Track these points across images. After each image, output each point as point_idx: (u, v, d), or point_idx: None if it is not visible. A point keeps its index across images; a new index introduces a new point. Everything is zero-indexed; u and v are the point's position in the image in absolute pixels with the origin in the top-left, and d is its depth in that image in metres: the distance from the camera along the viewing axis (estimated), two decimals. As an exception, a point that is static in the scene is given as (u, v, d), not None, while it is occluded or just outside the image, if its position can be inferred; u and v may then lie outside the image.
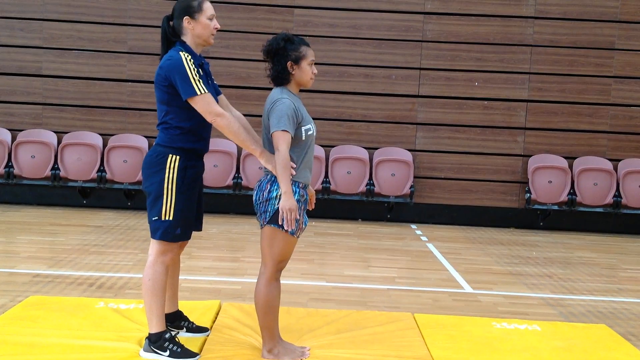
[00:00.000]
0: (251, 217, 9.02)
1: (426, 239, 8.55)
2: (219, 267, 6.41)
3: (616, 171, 9.68)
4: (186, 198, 3.72)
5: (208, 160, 4.02)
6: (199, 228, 3.99)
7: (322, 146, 9.66)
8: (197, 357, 3.76)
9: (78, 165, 9.49)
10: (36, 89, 9.83)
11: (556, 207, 9.66)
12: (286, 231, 3.67)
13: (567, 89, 9.87)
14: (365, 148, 9.80)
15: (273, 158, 3.65)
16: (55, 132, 9.75)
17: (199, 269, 6.24)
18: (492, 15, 9.84)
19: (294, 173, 3.65)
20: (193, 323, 4.17)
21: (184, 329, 4.12)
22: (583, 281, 6.63)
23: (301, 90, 3.90)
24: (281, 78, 3.76)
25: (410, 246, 8.10)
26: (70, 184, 9.59)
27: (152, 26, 9.71)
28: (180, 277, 5.50)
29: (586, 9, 9.81)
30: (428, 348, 4.15)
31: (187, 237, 3.82)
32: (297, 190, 3.69)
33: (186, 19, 3.76)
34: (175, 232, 3.71)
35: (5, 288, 5.26)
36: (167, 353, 3.71)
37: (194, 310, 4.51)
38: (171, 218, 3.68)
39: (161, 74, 3.69)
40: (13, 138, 9.68)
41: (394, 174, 9.57)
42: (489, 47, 9.86)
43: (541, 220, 9.84)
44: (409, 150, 9.84)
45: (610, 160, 9.79)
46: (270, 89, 3.87)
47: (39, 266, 6.05)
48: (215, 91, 3.90)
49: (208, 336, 4.14)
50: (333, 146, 9.80)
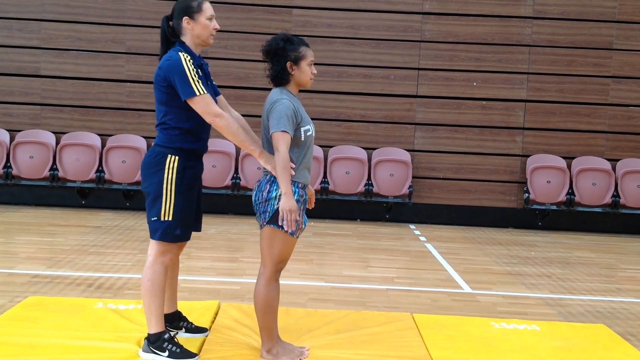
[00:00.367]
0: (250, 218, 9.01)
1: (425, 239, 8.55)
2: (218, 268, 6.40)
3: (614, 171, 9.68)
4: (185, 198, 3.72)
5: (206, 160, 4.02)
6: (198, 228, 3.99)
7: (321, 146, 9.66)
8: (196, 358, 3.76)
9: (76, 165, 9.49)
10: (34, 90, 9.83)
11: (555, 207, 9.67)
12: (286, 231, 3.67)
13: (566, 89, 9.88)
14: (363, 148, 9.80)
15: (272, 158, 3.65)
16: (53, 133, 9.74)
17: (198, 270, 6.23)
18: (491, 15, 9.84)
19: (294, 173, 3.65)
20: (192, 323, 4.17)
21: (183, 330, 4.12)
22: (582, 281, 6.63)
23: (300, 90, 3.90)
24: (280, 78, 3.76)
25: (409, 246, 8.10)
26: (68, 185, 9.58)
27: (150, 26, 9.71)
28: (179, 278, 5.51)
29: (584, 9, 9.82)
30: (427, 348, 4.15)
31: (187, 238, 3.82)
32: (297, 190, 3.69)
33: (185, 19, 3.76)
34: (174, 233, 3.70)
35: (4, 289, 5.25)
36: (166, 353, 3.71)
37: (193, 310, 4.51)
38: (170, 218, 3.68)
39: (160, 74, 3.69)
40: (11, 138, 9.67)
41: (393, 174, 9.58)
42: (488, 47, 9.86)
43: (540, 220, 9.85)
44: (408, 150, 9.84)
45: (608, 160, 9.80)
46: (268, 90, 3.87)
47: (38, 267, 6.04)
48: (214, 92, 3.89)
49: (207, 336, 4.14)
50: (331, 146, 9.80)
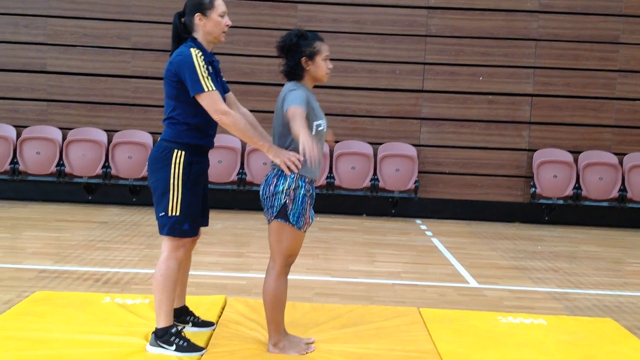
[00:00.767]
0: (256, 213, 9.02)
1: (431, 234, 8.54)
2: (224, 263, 6.41)
3: (621, 165, 9.65)
4: (192, 194, 3.73)
5: (212, 156, 4.03)
6: (206, 223, 4.00)
7: (326, 141, 9.64)
8: (204, 352, 3.77)
9: (83, 161, 9.51)
10: (41, 86, 9.85)
11: (561, 202, 9.65)
12: (293, 225, 3.67)
13: (572, 83, 9.84)
14: (369, 143, 9.79)
15: (281, 152, 3.65)
16: (60, 129, 9.76)
17: (205, 265, 6.25)
18: (497, 9, 9.80)
19: (300, 167, 3.65)
20: (198, 317, 4.19)
21: (190, 324, 4.13)
22: (589, 275, 6.62)
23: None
24: (294, 74, 3.78)
25: (415, 241, 8.10)
26: (75, 180, 9.60)
27: (156, 22, 9.71)
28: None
29: (591, 3, 9.77)
30: (434, 342, 4.15)
31: (195, 233, 3.82)
32: (304, 184, 3.69)
33: (198, 16, 3.76)
34: (182, 228, 3.71)
35: (11, 284, 5.28)
36: (174, 347, 3.72)
37: (200, 305, 4.52)
38: (178, 213, 3.69)
39: (171, 69, 3.71)
40: (18, 134, 9.70)
41: (399, 169, 9.57)
42: (494, 42, 9.83)
43: (546, 214, 9.82)
44: (414, 145, 9.83)
45: (615, 154, 9.76)
46: (274, 85, 3.89)
47: (45, 262, 6.07)
48: (223, 89, 3.90)
49: (214, 330, 4.16)
50: (337, 141, 9.78)
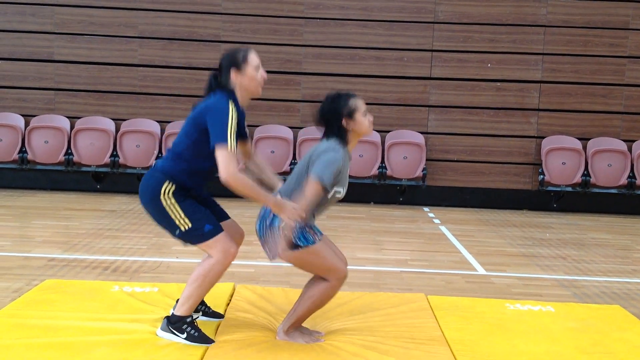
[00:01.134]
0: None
1: (439, 222, 8.53)
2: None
3: (630, 152, 9.60)
4: (189, 203, 3.73)
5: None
6: (226, 216, 4.05)
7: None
8: (213, 344, 3.77)
9: (91, 150, 9.54)
10: (48, 75, 9.86)
11: (570, 189, 9.61)
12: (305, 246, 3.63)
13: (581, 70, 9.78)
14: (377, 131, 9.76)
15: (284, 207, 3.57)
16: (68, 118, 9.79)
17: (213, 253, 6.25)
18: (505, -5, 9.75)
19: (302, 221, 3.58)
20: (210, 308, 4.21)
21: (200, 313, 4.16)
22: (597, 262, 6.61)
23: (307, 73, 3.90)
24: (341, 138, 3.72)
25: (422, 229, 8.09)
26: (83, 169, 9.64)
27: (163, 10, 9.72)
28: (192, 261, 5.54)
29: (600, -12, 9.70)
30: (441, 329, 4.15)
31: (220, 229, 3.76)
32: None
33: (233, 71, 3.74)
34: (204, 231, 3.70)
35: (21, 272, 5.31)
36: (185, 335, 3.74)
37: (209, 293, 4.52)
38: (191, 224, 3.69)
39: (203, 113, 3.66)
40: (26, 123, 9.73)
41: (406, 157, 9.55)
42: (502, 28, 9.77)
43: (555, 201, 9.80)
44: (421, 132, 9.80)
45: (624, 141, 9.72)
46: (282, 73, 3.87)
47: (54, 250, 6.09)
48: (243, 135, 3.88)
49: (222, 321, 4.17)
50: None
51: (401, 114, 9.87)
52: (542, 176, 9.57)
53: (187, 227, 3.69)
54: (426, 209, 9.53)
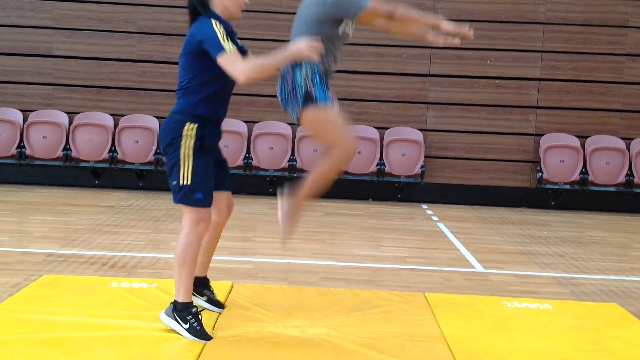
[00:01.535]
0: (262, 198, 9.01)
1: (437, 219, 8.54)
2: (230, 247, 6.42)
3: (629, 150, 9.61)
4: (203, 163, 3.75)
5: (218, 140, 4.03)
6: (228, 187, 4.12)
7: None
8: (210, 340, 3.77)
9: (89, 145, 9.53)
10: (47, 70, 9.85)
11: (568, 187, 9.62)
12: (321, 102, 3.80)
13: (580, 67, 9.78)
14: (375, 128, 9.77)
15: (297, 41, 3.73)
16: (66, 113, 9.78)
17: (211, 249, 6.26)
18: (504, -8, 9.75)
19: (318, 50, 3.67)
20: (214, 295, 4.24)
21: (205, 298, 4.17)
22: (595, 260, 6.62)
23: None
24: None
25: (421, 226, 8.10)
26: (81, 165, 9.63)
27: (162, 6, 9.70)
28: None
29: (599, -14, 9.70)
30: (439, 327, 4.16)
31: (209, 203, 3.81)
32: (318, 69, 3.87)
33: None
34: (195, 197, 3.73)
35: (19, 267, 5.31)
36: (187, 326, 3.74)
37: (206, 289, 4.53)
38: (189, 182, 3.72)
39: (191, 41, 3.71)
40: (24, 119, 9.72)
41: (405, 154, 9.55)
42: (501, 25, 9.77)
43: (553, 199, 9.81)
44: (420, 129, 9.80)
45: (622, 139, 9.72)
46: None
47: (52, 246, 6.09)
48: (242, 51, 3.89)
49: (220, 314, 4.18)
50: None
51: (400, 111, 9.87)
52: (541, 174, 9.58)
53: (184, 183, 3.72)
54: (424, 206, 9.54)
